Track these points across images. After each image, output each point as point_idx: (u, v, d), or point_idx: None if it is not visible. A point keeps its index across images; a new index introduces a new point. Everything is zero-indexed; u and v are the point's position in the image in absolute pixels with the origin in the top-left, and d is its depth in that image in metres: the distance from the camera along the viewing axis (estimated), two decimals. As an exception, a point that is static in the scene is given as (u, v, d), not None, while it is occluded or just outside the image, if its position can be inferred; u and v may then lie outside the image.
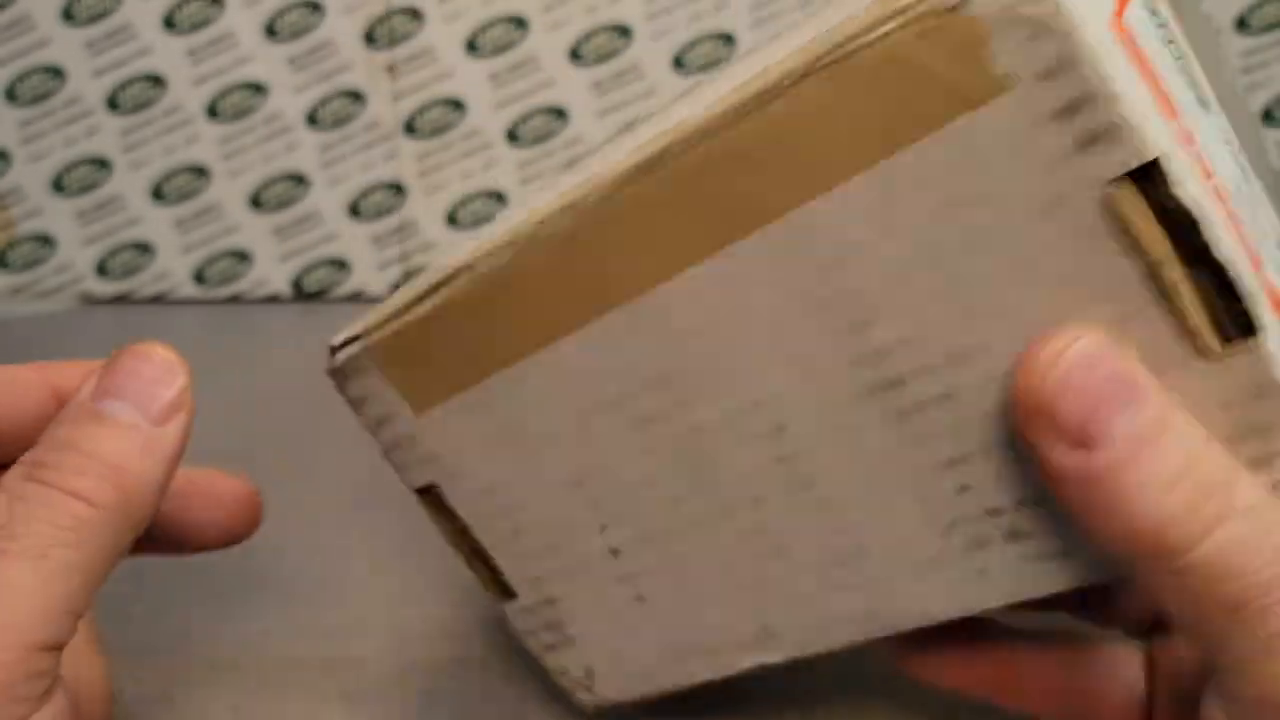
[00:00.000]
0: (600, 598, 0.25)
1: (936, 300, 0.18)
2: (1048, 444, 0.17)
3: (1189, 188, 0.16)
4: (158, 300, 0.66)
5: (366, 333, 0.25)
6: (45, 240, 0.65)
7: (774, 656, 0.23)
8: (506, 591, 0.26)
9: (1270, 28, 0.60)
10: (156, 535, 0.25)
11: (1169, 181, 0.16)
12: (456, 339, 0.23)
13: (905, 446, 0.20)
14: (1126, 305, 0.17)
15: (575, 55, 0.62)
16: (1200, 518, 0.17)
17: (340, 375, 0.26)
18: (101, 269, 0.66)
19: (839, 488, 0.21)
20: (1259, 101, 0.63)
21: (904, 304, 0.19)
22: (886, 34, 0.17)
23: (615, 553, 0.24)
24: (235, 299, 0.66)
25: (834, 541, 0.21)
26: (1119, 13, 0.17)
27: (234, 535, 0.27)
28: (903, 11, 0.17)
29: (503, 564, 0.26)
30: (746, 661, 0.24)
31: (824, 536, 0.21)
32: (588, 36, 0.61)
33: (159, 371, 0.21)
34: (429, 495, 0.26)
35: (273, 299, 0.66)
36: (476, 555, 0.26)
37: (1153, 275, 0.17)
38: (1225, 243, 0.17)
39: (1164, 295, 0.17)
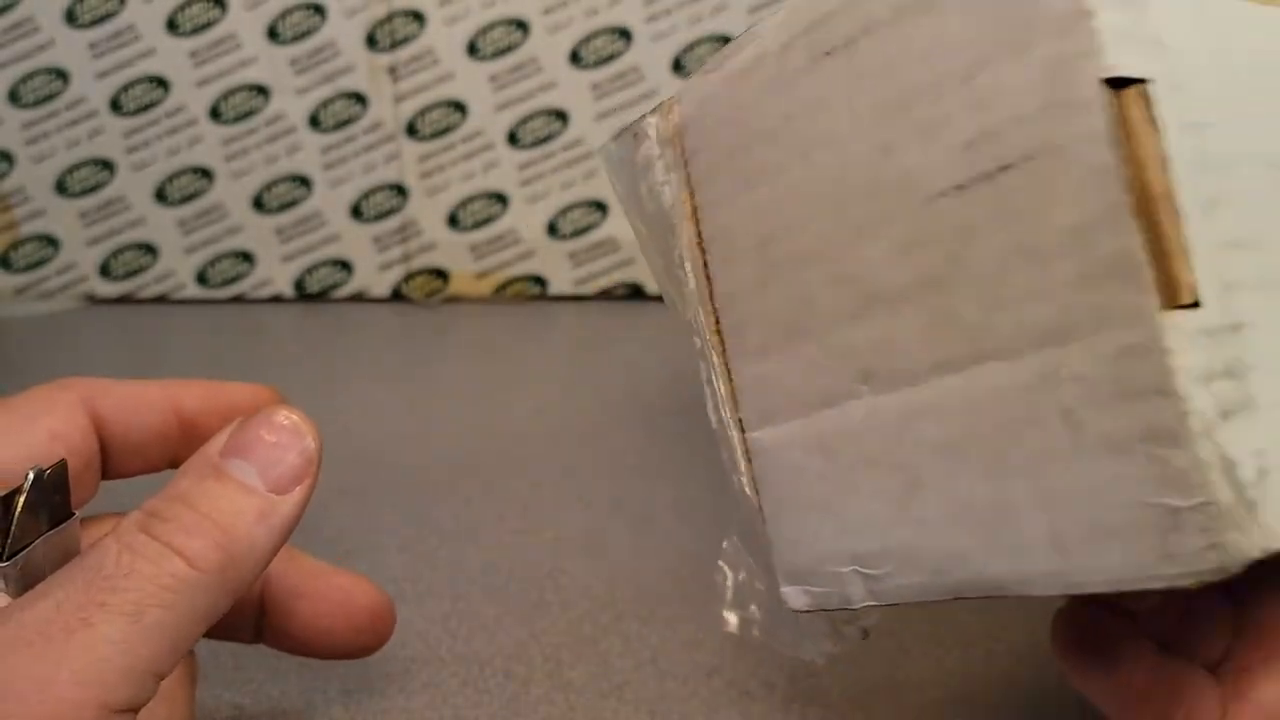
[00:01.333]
0: None
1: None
2: None
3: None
4: (161, 301, 0.66)
5: None
6: (49, 241, 0.66)
7: None
8: (1175, 296, 0.15)
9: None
10: (286, 634, 0.25)
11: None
12: None
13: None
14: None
15: (576, 58, 0.62)
16: None
17: None
18: (105, 270, 0.66)
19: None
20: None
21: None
22: None
23: None
24: (238, 299, 0.66)
25: None
26: None
27: (365, 649, 0.26)
28: None
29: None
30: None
31: None
32: (588, 39, 0.62)
33: (289, 438, 0.20)
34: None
35: (275, 299, 0.66)
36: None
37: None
38: None
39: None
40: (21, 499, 0.20)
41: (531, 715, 0.27)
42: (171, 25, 0.62)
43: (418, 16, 0.62)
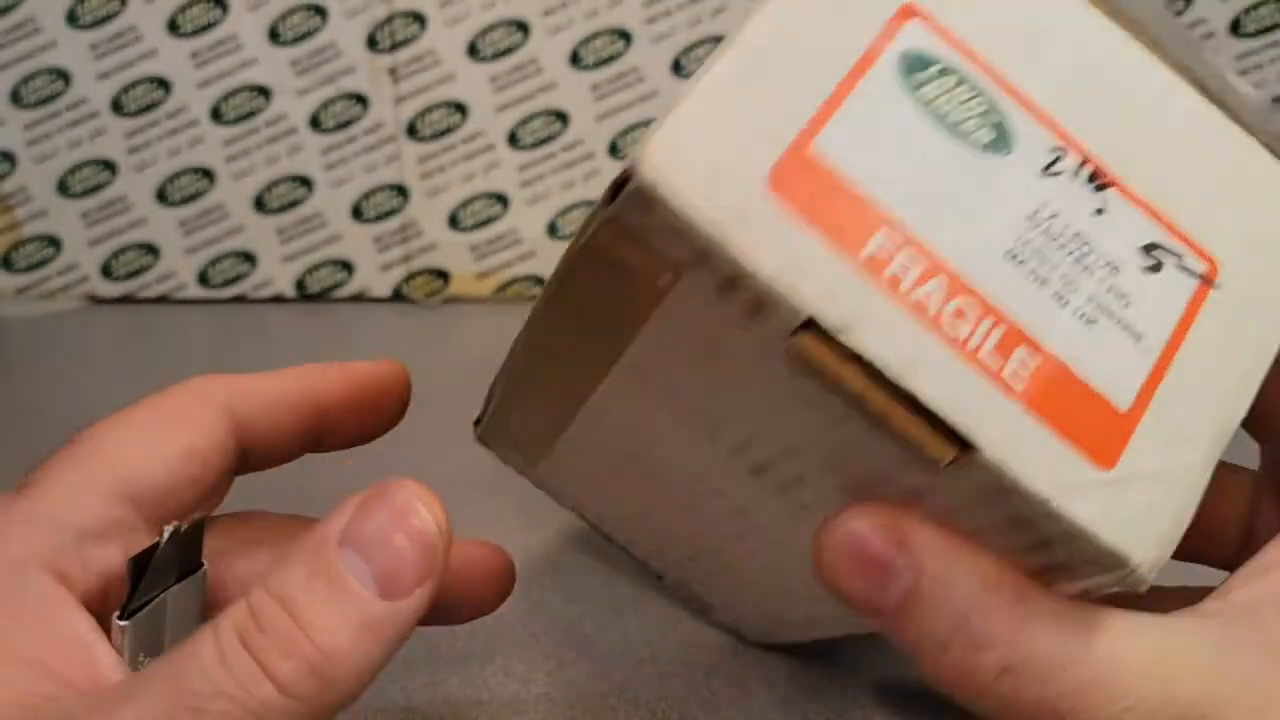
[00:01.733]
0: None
1: (744, 419, 0.20)
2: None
3: (861, 334, 0.17)
4: (162, 301, 0.67)
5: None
6: (51, 241, 0.66)
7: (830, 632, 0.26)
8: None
9: (1264, 31, 0.60)
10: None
11: (833, 332, 0.17)
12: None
13: (794, 512, 0.21)
14: (852, 428, 0.17)
15: (576, 59, 0.62)
16: (978, 677, 0.18)
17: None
18: (106, 270, 0.66)
19: (781, 535, 0.23)
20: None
21: (728, 417, 0.20)
22: (593, 233, 0.18)
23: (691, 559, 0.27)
24: (239, 300, 0.67)
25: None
26: (801, 148, 0.17)
27: (486, 609, 0.25)
28: (602, 210, 0.17)
29: None
30: (823, 633, 0.26)
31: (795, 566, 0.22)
32: (588, 40, 0.62)
33: (414, 532, 0.18)
34: None
35: (277, 300, 0.67)
36: None
37: (861, 405, 0.17)
38: (922, 373, 0.17)
39: (879, 421, 0.17)
40: (154, 558, 0.19)
41: (531, 715, 0.27)
42: (173, 26, 0.62)
43: (418, 18, 0.62)
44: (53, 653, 0.18)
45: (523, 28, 0.62)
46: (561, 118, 0.63)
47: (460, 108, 0.63)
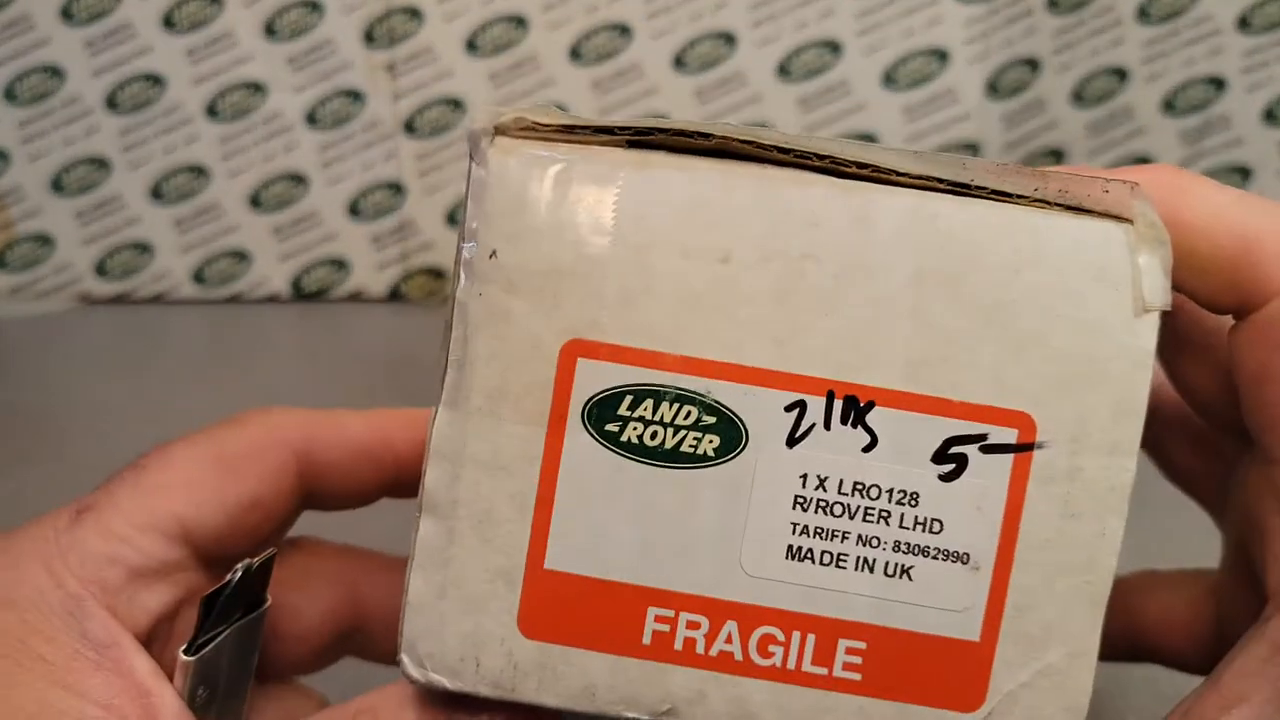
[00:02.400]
0: None
1: None
2: None
3: (687, 713, 0.16)
4: (157, 300, 0.66)
5: None
6: (44, 240, 0.65)
7: None
8: None
9: (1272, 27, 0.60)
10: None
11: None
12: None
13: None
14: None
15: (575, 54, 0.61)
16: None
17: None
18: (100, 269, 0.65)
19: None
20: (1260, 101, 0.63)
21: None
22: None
23: None
24: (235, 299, 0.66)
25: None
26: (534, 581, 0.17)
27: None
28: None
29: None
30: None
31: None
32: (588, 36, 0.61)
33: None
34: None
35: (272, 299, 0.66)
36: None
37: None
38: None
39: None
40: (223, 597, 0.19)
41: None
42: (168, 22, 0.62)
43: (416, 13, 0.61)
44: (123, 696, 0.18)
45: (521, 23, 0.61)
46: (561, 114, 0.62)
47: (458, 104, 0.63)
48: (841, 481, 0.16)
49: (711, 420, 0.16)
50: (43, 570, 0.19)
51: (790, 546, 0.16)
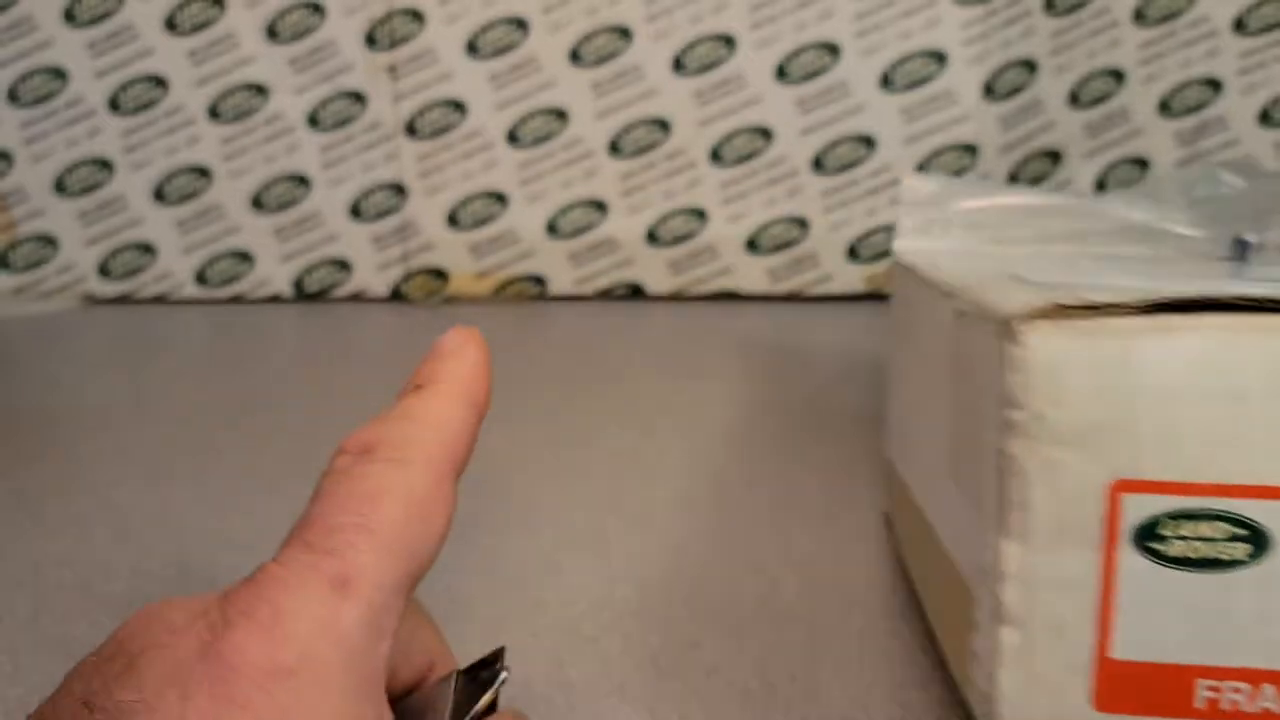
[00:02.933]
0: None
1: None
2: None
3: None
4: (159, 301, 0.66)
5: None
6: (47, 241, 0.65)
7: None
8: None
9: (1267, 29, 0.60)
10: None
11: None
12: None
13: None
14: None
15: (575, 57, 0.62)
16: None
17: None
18: (103, 270, 0.66)
19: None
20: (1256, 102, 0.63)
21: None
22: None
23: None
24: (237, 299, 0.66)
25: None
26: (1104, 666, 0.20)
27: None
28: None
29: None
30: None
31: None
32: (588, 38, 0.61)
33: None
34: None
35: (274, 299, 0.66)
36: None
37: None
38: None
39: None
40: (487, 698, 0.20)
41: (531, 715, 0.27)
42: (170, 24, 0.62)
43: (417, 15, 0.62)
44: None
45: (522, 25, 0.61)
46: (561, 115, 0.63)
47: (459, 105, 0.63)
48: None
49: (1242, 532, 0.20)
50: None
51: None
